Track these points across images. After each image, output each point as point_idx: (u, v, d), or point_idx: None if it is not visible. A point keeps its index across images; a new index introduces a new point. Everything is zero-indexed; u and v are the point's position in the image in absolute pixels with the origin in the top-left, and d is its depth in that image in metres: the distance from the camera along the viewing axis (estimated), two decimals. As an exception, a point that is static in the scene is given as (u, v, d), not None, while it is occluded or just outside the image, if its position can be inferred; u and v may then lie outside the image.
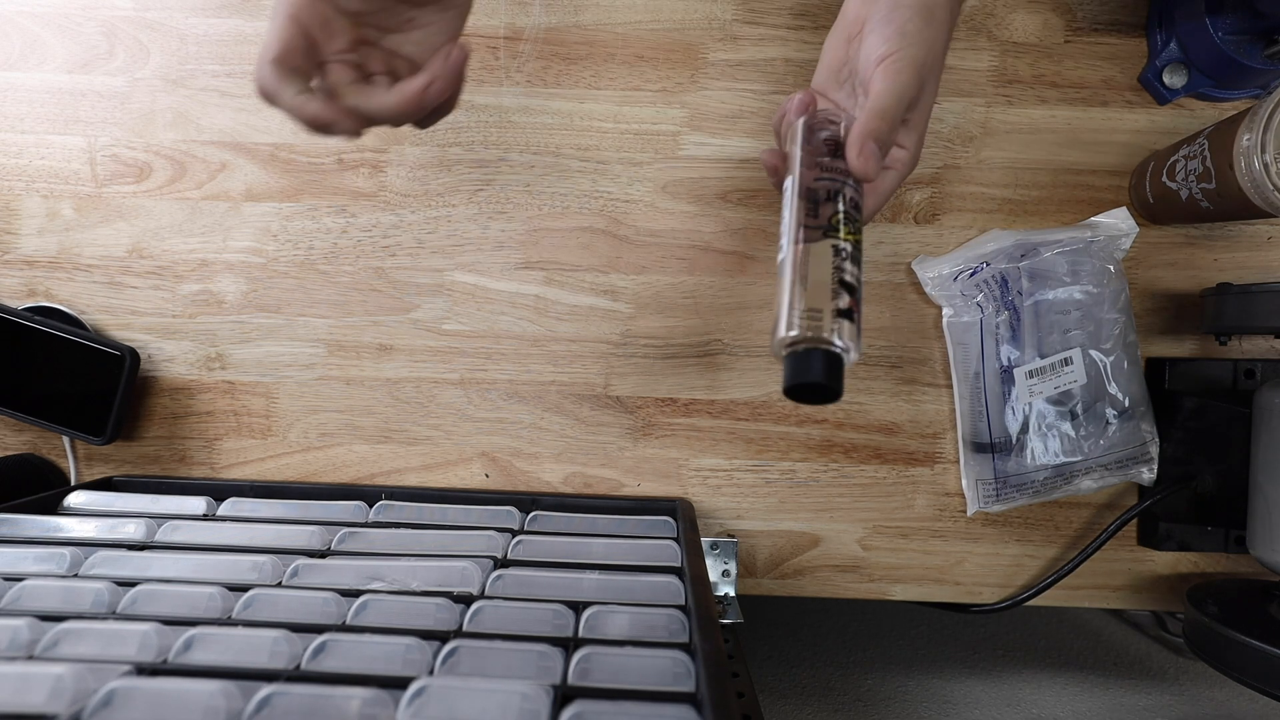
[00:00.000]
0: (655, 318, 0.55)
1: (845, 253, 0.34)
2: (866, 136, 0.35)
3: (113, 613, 0.35)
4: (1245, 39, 0.48)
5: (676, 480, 0.56)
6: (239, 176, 0.56)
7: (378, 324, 0.56)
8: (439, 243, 0.56)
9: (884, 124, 0.36)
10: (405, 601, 0.35)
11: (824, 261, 0.33)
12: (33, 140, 0.56)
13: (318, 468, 0.56)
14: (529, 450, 0.56)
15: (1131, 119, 0.54)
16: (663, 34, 0.55)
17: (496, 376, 0.56)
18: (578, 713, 0.26)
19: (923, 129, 0.40)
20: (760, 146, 0.55)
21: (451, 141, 0.55)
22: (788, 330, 0.31)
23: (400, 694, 0.27)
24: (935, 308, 0.55)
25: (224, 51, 0.56)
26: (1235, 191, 0.43)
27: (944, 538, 0.55)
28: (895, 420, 0.55)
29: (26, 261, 0.56)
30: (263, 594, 0.35)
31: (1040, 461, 0.50)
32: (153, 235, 0.56)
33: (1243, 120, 0.42)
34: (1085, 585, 0.55)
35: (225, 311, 0.56)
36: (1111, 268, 0.50)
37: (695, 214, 0.55)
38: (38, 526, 0.44)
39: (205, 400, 0.56)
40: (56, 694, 0.27)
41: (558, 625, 0.34)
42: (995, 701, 0.59)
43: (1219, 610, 0.45)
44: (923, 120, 0.39)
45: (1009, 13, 0.54)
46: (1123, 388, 0.50)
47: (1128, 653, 0.68)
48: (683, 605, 0.36)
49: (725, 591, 0.52)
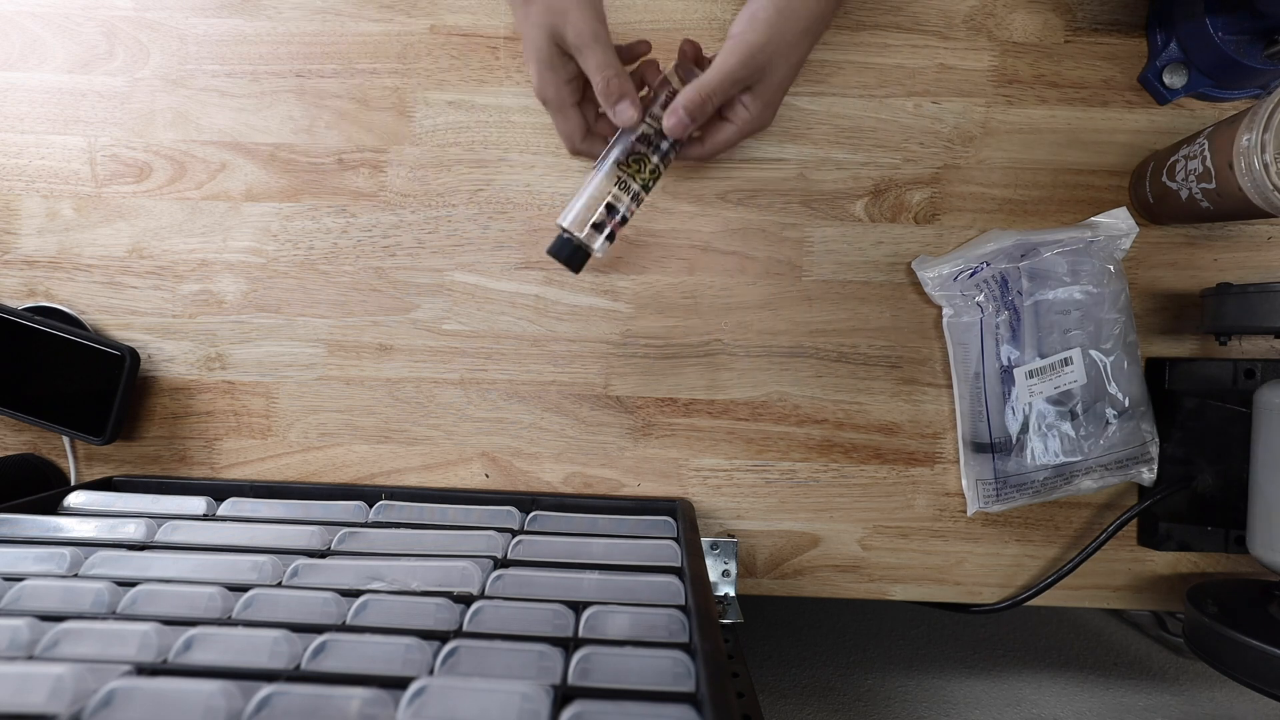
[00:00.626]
0: (655, 318, 0.55)
1: (626, 185, 0.47)
2: (680, 104, 0.45)
3: (113, 613, 0.35)
4: (1245, 39, 0.48)
5: (676, 480, 0.56)
6: (239, 176, 0.56)
7: (378, 324, 0.56)
8: (439, 243, 0.56)
9: (699, 97, 0.44)
10: (405, 601, 0.35)
11: (607, 186, 0.46)
12: (33, 140, 0.56)
13: (318, 468, 0.56)
14: (529, 450, 0.56)
15: (1131, 119, 0.54)
16: (663, 34, 0.55)
17: (496, 376, 0.56)
18: (578, 713, 0.26)
19: (771, 97, 0.47)
20: (760, 146, 0.55)
21: (451, 141, 0.55)
22: (562, 219, 0.46)
23: (400, 694, 0.27)
24: (935, 308, 0.55)
25: (224, 51, 0.56)
26: (1235, 191, 0.43)
27: (944, 538, 0.55)
28: (895, 420, 0.55)
29: (26, 261, 0.56)
30: (263, 594, 0.35)
31: (1040, 461, 0.50)
32: (153, 235, 0.56)
33: (1243, 120, 0.42)
34: (1085, 585, 0.55)
35: (225, 311, 0.56)
36: (1111, 268, 0.50)
37: (695, 214, 0.55)
38: (38, 526, 0.44)
39: (205, 400, 0.56)
40: (56, 694, 0.27)
41: (558, 625, 0.34)
42: (995, 701, 0.59)
43: (1219, 610, 0.45)
44: (771, 91, 0.46)
45: (1009, 13, 0.54)
46: (1123, 388, 0.50)
47: (1128, 653, 0.68)
48: (683, 605, 0.36)
49: (725, 591, 0.52)
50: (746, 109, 0.47)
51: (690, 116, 0.45)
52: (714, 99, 0.45)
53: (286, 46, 0.56)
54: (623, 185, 0.46)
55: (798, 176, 0.55)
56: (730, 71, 0.44)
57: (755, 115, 0.47)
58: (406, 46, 0.55)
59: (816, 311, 0.55)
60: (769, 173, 0.55)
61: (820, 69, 0.55)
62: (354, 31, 0.55)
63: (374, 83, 0.56)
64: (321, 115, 0.56)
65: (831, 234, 0.55)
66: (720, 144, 0.49)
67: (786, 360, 0.55)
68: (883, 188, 0.55)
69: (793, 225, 0.55)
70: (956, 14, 0.54)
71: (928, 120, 0.55)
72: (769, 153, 0.55)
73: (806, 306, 0.55)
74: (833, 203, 0.55)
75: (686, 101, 0.44)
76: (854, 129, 0.55)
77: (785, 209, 0.55)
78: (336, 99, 0.56)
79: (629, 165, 0.46)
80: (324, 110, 0.56)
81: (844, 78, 0.55)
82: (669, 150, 0.48)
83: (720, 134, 0.48)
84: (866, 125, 0.55)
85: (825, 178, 0.55)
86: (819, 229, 0.55)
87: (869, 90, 0.55)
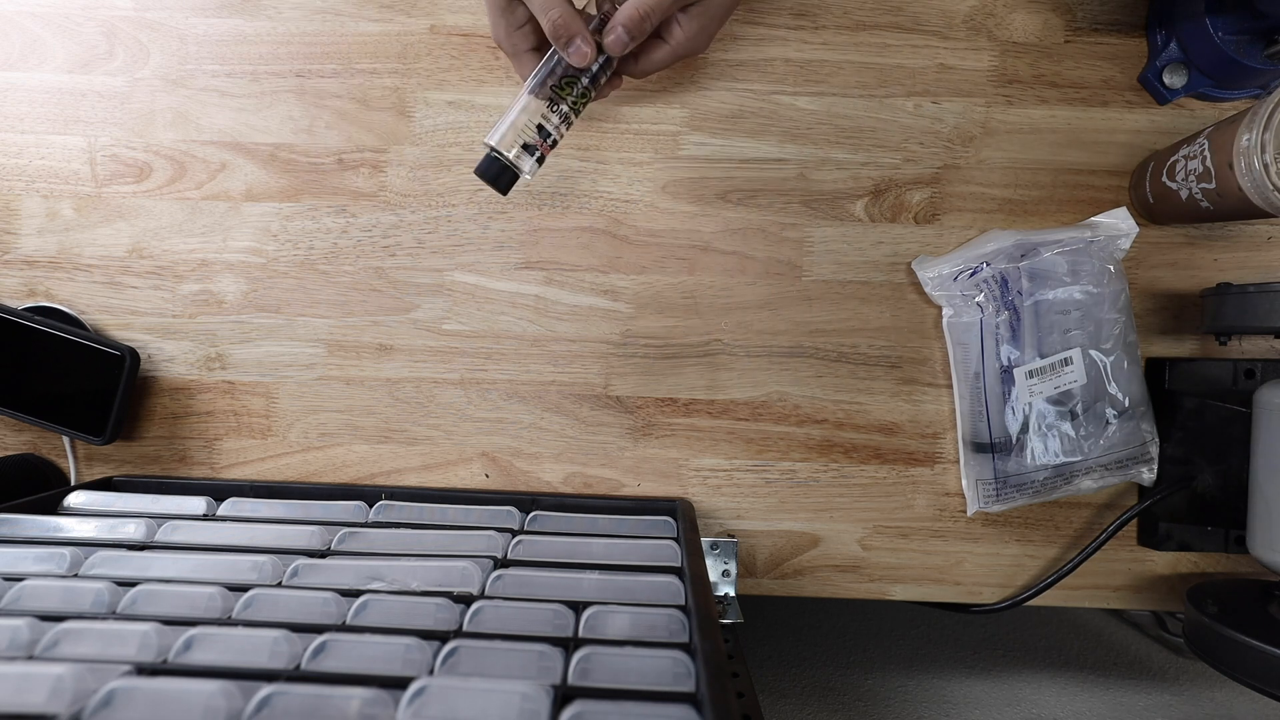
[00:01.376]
0: (655, 318, 0.55)
1: (555, 106, 0.45)
2: (619, 22, 0.44)
3: (113, 613, 0.35)
4: (1245, 39, 0.48)
5: (676, 480, 0.56)
6: (239, 176, 0.56)
7: (378, 324, 0.56)
8: (439, 243, 0.56)
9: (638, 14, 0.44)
10: (405, 601, 0.35)
11: (537, 108, 0.45)
12: (33, 140, 0.56)
13: (318, 468, 0.56)
14: (529, 450, 0.56)
15: (1131, 119, 0.54)
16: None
17: (496, 376, 0.56)
18: (578, 713, 0.26)
19: (706, 21, 0.46)
20: (760, 146, 0.55)
21: (451, 142, 0.55)
22: (489, 138, 0.45)
23: (400, 694, 0.27)
24: (935, 308, 0.55)
25: (224, 51, 0.56)
26: (1235, 191, 0.43)
27: (944, 538, 0.55)
28: (895, 420, 0.55)
29: (26, 261, 0.56)
30: (263, 594, 0.35)
31: (1040, 461, 0.50)
32: (153, 235, 0.56)
33: (1243, 120, 0.42)
34: (1085, 585, 0.55)
35: (225, 311, 0.56)
36: (1111, 268, 0.50)
37: (695, 214, 0.55)
38: (38, 526, 0.44)
39: (205, 400, 0.56)
40: (56, 694, 0.26)
41: (558, 625, 0.34)
42: (995, 701, 0.59)
43: (1219, 610, 0.45)
44: (709, 14, 0.46)
45: (1009, 13, 0.54)
46: (1123, 388, 0.50)
47: (1128, 653, 0.68)
48: (683, 605, 0.36)
49: (725, 591, 0.52)
50: (682, 29, 0.46)
51: (629, 34, 0.44)
52: (653, 16, 0.44)
53: (286, 46, 0.56)
54: (553, 106, 0.45)
55: (798, 176, 0.55)
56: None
57: (690, 36, 0.47)
58: (406, 46, 0.55)
59: (816, 311, 0.55)
60: (769, 173, 0.55)
61: (820, 69, 0.55)
62: (354, 31, 0.56)
63: (374, 83, 0.56)
64: (321, 115, 0.56)
65: (831, 234, 0.55)
66: (655, 64, 0.48)
67: (786, 360, 0.55)
68: (883, 188, 0.55)
69: (793, 225, 0.55)
70: (956, 14, 0.54)
71: (928, 120, 0.55)
72: (769, 153, 0.55)
73: (806, 306, 0.55)
74: (833, 203, 0.55)
75: (625, 19, 0.44)
76: (854, 129, 0.55)
77: (785, 209, 0.55)
78: (336, 99, 0.56)
79: (560, 87, 0.46)
80: (324, 110, 0.56)
81: (844, 78, 0.55)
82: (599, 71, 0.47)
83: (656, 53, 0.48)
84: (866, 125, 0.55)
85: (825, 178, 0.55)
86: (819, 229, 0.55)
87: (869, 90, 0.55)
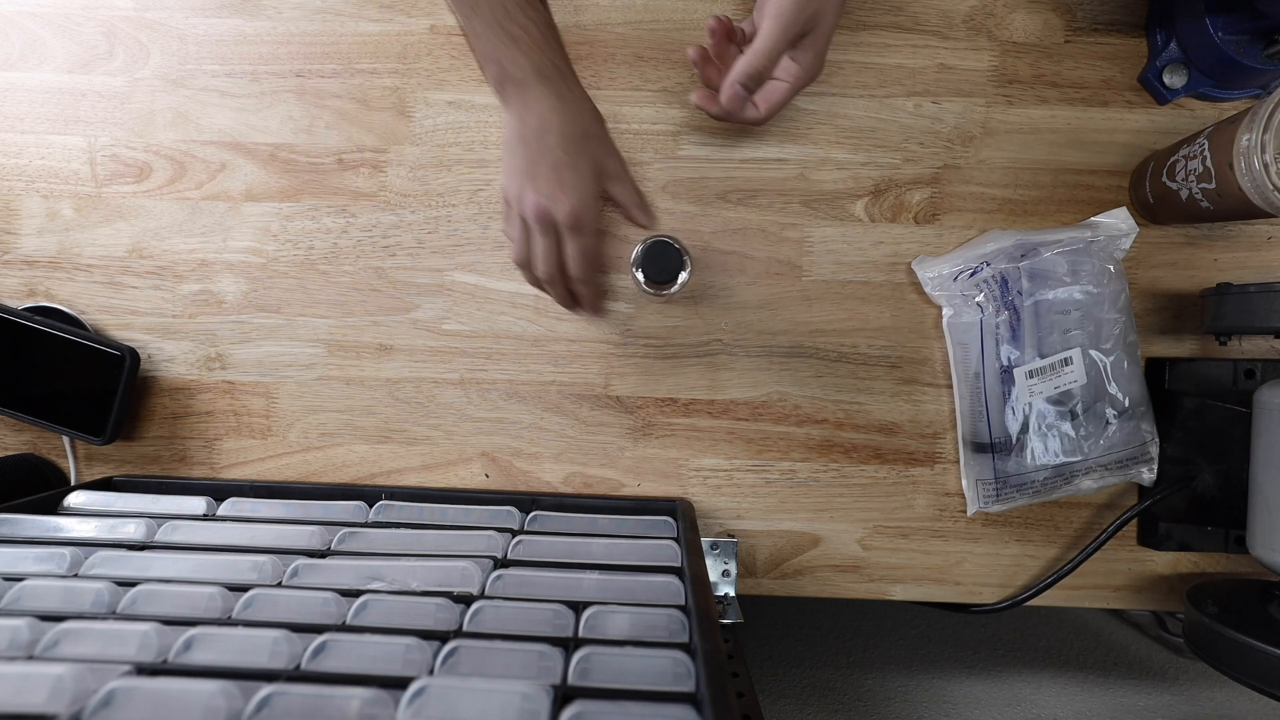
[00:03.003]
0: (655, 318, 0.55)
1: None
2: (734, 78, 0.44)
3: (113, 613, 0.35)
4: (1245, 39, 0.48)
5: (676, 480, 0.56)
6: (239, 176, 0.56)
7: (378, 324, 0.56)
8: (439, 243, 0.56)
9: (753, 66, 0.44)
10: (405, 601, 0.35)
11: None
12: (33, 140, 0.56)
13: (318, 468, 0.56)
14: (529, 450, 0.56)
15: (1131, 119, 0.54)
16: (663, 34, 0.55)
17: (496, 376, 0.56)
18: (578, 713, 0.26)
19: (820, 48, 0.46)
20: (760, 146, 0.55)
21: (451, 141, 0.55)
22: None
23: (400, 694, 0.27)
24: (935, 308, 0.55)
25: (224, 51, 0.56)
26: (1235, 191, 0.43)
27: (944, 538, 0.55)
28: (895, 420, 0.55)
29: (26, 261, 0.56)
30: (263, 594, 0.35)
31: (1040, 461, 0.50)
32: (153, 235, 0.56)
33: (1243, 120, 0.42)
34: (1085, 585, 0.55)
35: (225, 311, 0.56)
36: (1111, 268, 0.50)
37: (695, 214, 0.55)
38: (38, 526, 0.44)
39: (205, 400, 0.56)
40: (56, 694, 0.27)
41: (558, 625, 0.34)
42: (995, 701, 0.59)
43: (1219, 610, 0.45)
44: (820, 41, 0.45)
45: (1009, 13, 0.54)
46: (1123, 388, 0.50)
47: (1128, 653, 0.68)
48: (683, 605, 0.36)
49: (725, 591, 0.52)
50: (799, 64, 0.46)
51: (745, 88, 0.44)
52: (770, 63, 0.44)
53: (286, 46, 0.56)
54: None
55: (798, 176, 0.55)
56: (784, 30, 0.43)
57: (807, 67, 0.46)
58: (406, 46, 0.55)
59: (816, 311, 0.55)
60: (769, 173, 0.55)
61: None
62: (354, 31, 0.55)
63: (374, 83, 0.55)
64: (321, 115, 0.56)
65: (831, 234, 0.55)
66: (776, 105, 0.47)
67: (786, 360, 0.55)
68: (883, 188, 0.55)
69: (793, 225, 0.55)
70: (956, 14, 0.54)
71: (928, 120, 0.55)
72: (769, 153, 0.55)
73: (806, 306, 0.55)
74: (833, 203, 0.55)
75: (740, 75, 0.43)
76: (854, 129, 0.55)
77: (785, 209, 0.55)
78: (336, 99, 0.56)
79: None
80: (324, 110, 0.56)
81: (844, 78, 0.55)
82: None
83: (775, 95, 0.47)
84: (866, 125, 0.55)
85: (825, 178, 0.55)
86: (819, 229, 0.55)
87: (869, 90, 0.55)
